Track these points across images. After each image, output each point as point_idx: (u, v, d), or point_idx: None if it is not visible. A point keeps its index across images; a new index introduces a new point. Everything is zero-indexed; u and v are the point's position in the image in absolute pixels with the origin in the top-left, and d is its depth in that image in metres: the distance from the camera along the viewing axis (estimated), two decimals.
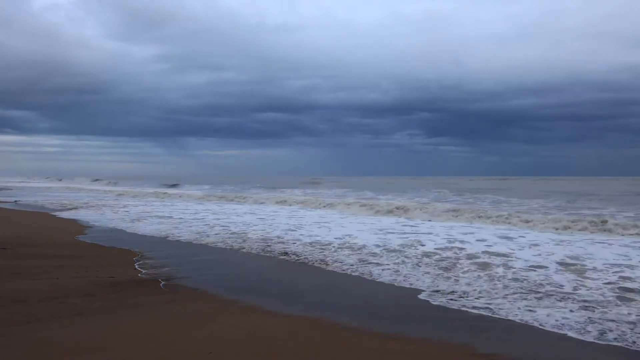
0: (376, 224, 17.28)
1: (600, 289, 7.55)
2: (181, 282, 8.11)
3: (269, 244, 12.39)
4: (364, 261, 9.95)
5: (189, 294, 7.33)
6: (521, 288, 7.59)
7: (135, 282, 7.95)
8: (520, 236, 13.89)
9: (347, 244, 12.20)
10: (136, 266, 9.25)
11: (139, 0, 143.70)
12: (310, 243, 12.46)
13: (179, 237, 13.82)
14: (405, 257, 10.35)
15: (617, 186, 43.42)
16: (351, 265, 9.58)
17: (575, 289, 7.56)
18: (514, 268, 9.11)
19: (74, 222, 17.75)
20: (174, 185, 57.17)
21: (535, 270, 8.90)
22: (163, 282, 7.94)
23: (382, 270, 9.06)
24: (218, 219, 19.27)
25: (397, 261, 9.88)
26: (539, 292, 7.31)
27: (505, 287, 7.69)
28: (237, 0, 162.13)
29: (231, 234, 14.46)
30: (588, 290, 7.50)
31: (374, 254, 10.70)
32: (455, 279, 8.20)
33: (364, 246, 11.86)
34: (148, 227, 16.03)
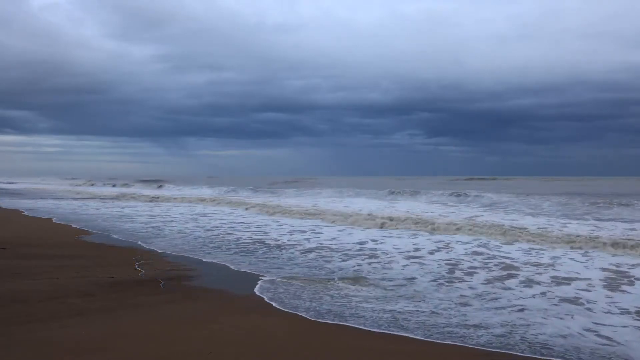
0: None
1: None
2: (181, 282, 8.11)
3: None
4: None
5: (189, 294, 7.33)
6: None
7: (135, 282, 7.94)
8: None
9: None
10: (136, 266, 9.24)
11: (138, 0, 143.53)
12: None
13: None
14: None
15: (629, 186, 43.14)
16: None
17: None
18: None
19: (73, 222, 17.74)
20: (160, 187, 56.72)
21: None
22: (163, 282, 7.94)
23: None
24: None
25: None
26: None
27: None
28: (236, 0, 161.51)
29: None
30: None
31: None
32: None
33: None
34: None
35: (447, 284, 8.05)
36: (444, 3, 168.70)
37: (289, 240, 13.11)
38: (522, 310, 6.49)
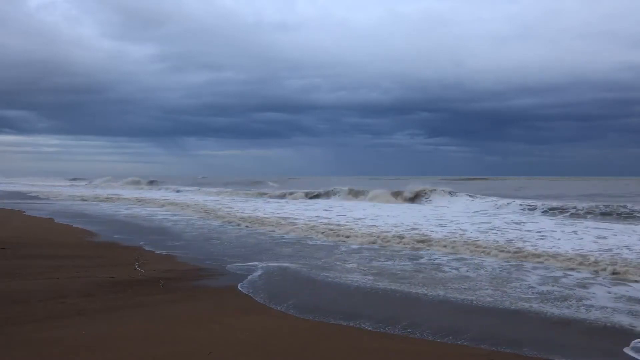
0: None
1: None
2: (181, 282, 8.10)
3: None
4: None
5: (189, 294, 7.32)
6: None
7: (135, 282, 7.94)
8: None
9: None
10: (136, 266, 9.24)
11: (136, 0, 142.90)
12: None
13: None
14: None
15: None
16: None
17: None
18: None
19: (73, 222, 17.73)
20: (151, 186, 57.09)
21: None
22: (163, 282, 7.93)
23: None
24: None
25: None
26: None
27: None
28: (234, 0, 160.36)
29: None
30: None
31: None
32: None
33: None
34: None
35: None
36: (443, 3, 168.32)
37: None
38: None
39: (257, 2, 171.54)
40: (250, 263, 9.75)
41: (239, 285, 7.86)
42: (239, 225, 16.74)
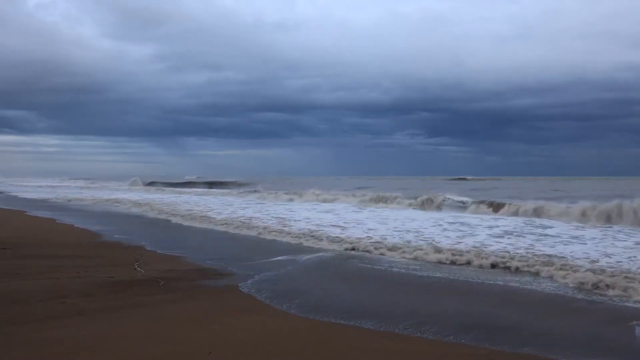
0: None
1: None
2: (181, 282, 8.10)
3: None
4: None
5: (189, 294, 7.32)
6: None
7: (135, 282, 7.93)
8: None
9: None
10: (136, 266, 9.23)
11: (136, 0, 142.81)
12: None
13: None
14: None
15: None
16: None
17: None
18: None
19: (73, 223, 17.73)
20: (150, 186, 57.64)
21: None
22: (163, 282, 7.92)
23: None
24: None
25: None
26: None
27: None
28: None
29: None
30: None
31: None
32: None
33: None
34: None
35: None
36: (443, 3, 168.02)
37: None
38: None
39: (257, 2, 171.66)
40: (250, 263, 9.76)
41: (239, 285, 7.87)
42: (229, 225, 16.72)
